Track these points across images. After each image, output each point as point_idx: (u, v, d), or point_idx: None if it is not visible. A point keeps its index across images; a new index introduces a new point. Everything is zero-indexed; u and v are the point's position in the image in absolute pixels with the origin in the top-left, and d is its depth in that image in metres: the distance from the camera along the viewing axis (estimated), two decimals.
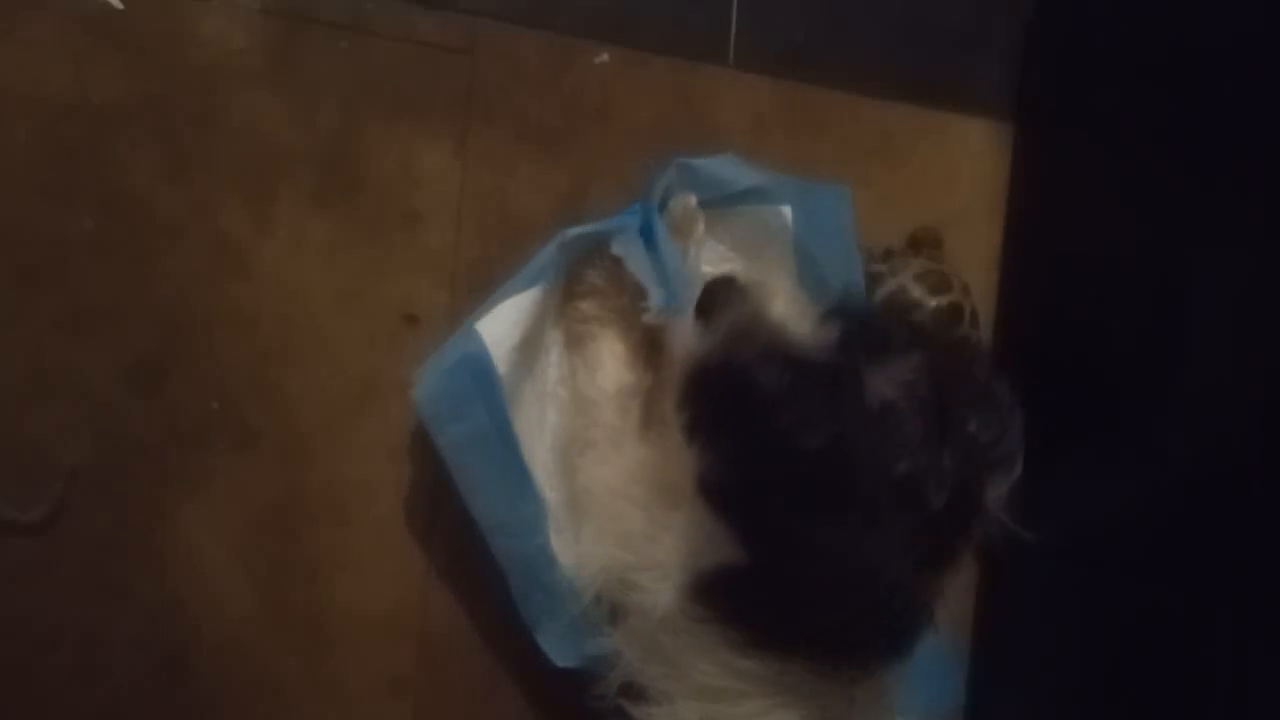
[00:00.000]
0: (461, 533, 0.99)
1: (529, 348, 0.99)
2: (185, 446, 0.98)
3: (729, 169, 1.04)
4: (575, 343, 1.04)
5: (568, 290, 1.04)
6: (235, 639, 1.00)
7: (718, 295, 0.95)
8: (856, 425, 0.80)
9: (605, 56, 1.10)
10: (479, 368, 0.95)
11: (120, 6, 0.96)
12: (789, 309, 0.92)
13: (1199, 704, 0.99)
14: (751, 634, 0.85)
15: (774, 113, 1.16)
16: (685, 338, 0.91)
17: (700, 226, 1.06)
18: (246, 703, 1.01)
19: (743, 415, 0.82)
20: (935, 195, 1.20)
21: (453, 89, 1.05)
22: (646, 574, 0.90)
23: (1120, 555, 1.08)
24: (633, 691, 0.92)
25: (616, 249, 0.98)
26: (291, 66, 1.01)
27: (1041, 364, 1.19)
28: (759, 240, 1.05)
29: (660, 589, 0.89)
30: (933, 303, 1.10)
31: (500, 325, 0.96)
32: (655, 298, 0.95)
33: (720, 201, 1.04)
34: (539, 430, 1.02)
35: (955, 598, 1.19)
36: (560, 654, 0.99)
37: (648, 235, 1.00)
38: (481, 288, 1.03)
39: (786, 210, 1.04)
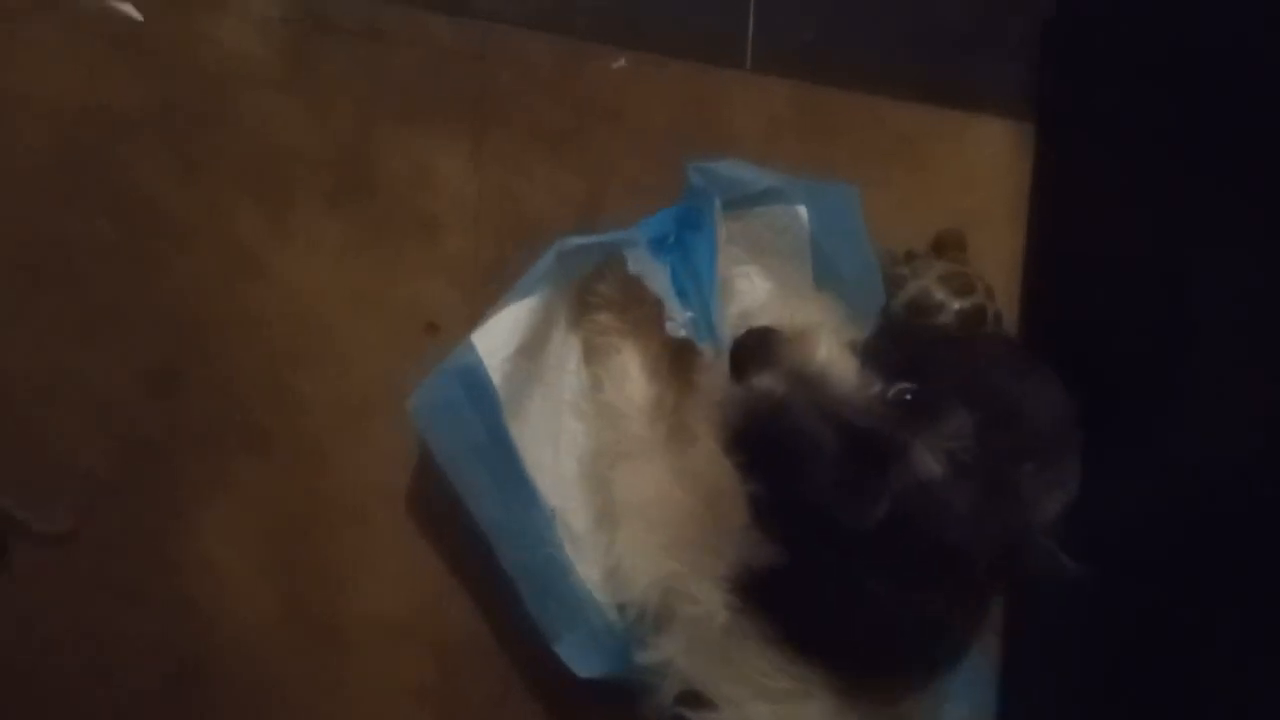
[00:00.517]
0: (478, 537, 0.99)
1: (531, 356, 0.99)
2: (200, 451, 0.99)
3: (743, 170, 1.03)
4: (596, 354, 1.03)
5: (581, 301, 1.03)
6: (250, 644, 1.00)
7: (757, 347, 0.88)
8: (904, 501, 0.78)
9: (622, 61, 1.11)
10: (472, 378, 0.94)
11: (139, 18, 0.98)
12: (830, 352, 0.89)
13: (1202, 709, 0.97)
14: (786, 636, 0.84)
15: (790, 116, 1.15)
16: (722, 382, 0.89)
17: (724, 231, 1.05)
18: (261, 709, 1.01)
19: (794, 473, 0.80)
20: (954, 197, 1.19)
21: (467, 93, 1.06)
22: (699, 582, 0.89)
23: (1139, 561, 1.06)
24: (690, 699, 0.90)
25: (632, 267, 0.96)
26: (307, 72, 1.02)
27: (1065, 366, 1.17)
28: (774, 242, 1.04)
29: (716, 596, 0.87)
30: (956, 305, 1.09)
31: (495, 335, 0.95)
32: (677, 315, 0.94)
33: (735, 204, 1.04)
34: (552, 439, 1.01)
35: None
36: (581, 664, 0.98)
37: (660, 249, 0.99)
38: (498, 292, 1.03)
39: (802, 210, 1.02)
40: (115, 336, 0.97)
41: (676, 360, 1.01)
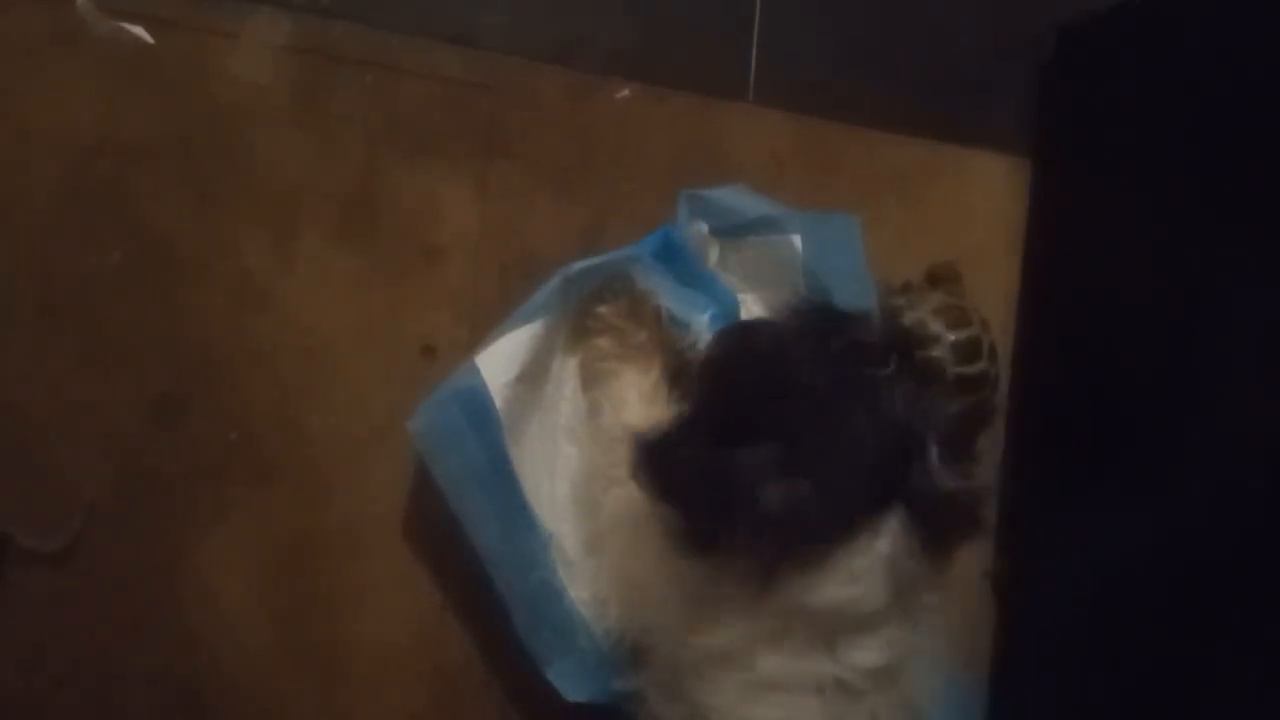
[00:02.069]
0: (475, 566, 0.99)
1: (532, 382, 0.99)
2: (204, 481, 0.99)
3: (738, 199, 1.05)
4: (596, 380, 1.04)
5: (580, 326, 1.04)
6: (251, 673, 1.00)
7: None
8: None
9: (625, 92, 1.11)
10: (474, 402, 0.95)
11: (150, 40, 0.97)
12: None
13: None
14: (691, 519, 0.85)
15: (792, 149, 1.16)
16: None
17: (714, 254, 1.06)
18: None
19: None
20: (953, 231, 1.21)
21: (474, 125, 1.06)
22: (656, 616, 0.90)
23: (1138, 592, 1.07)
24: None
25: (641, 283, 0.99)
26: (317, 103, 1.02)
27: (1060, 398, 1.19)
28: (768, 270, 1.06)
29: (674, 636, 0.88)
30: (951, 337, 1.10)
31: (498, 359, 0.96)
32: (699, 321, 0.98)
33: (730, 231, 1.05)
34: (548, 464, 1.02)
35: (974, 635, 1.19)
36: (572, 689, 0.99)
37: (670, 262, 1.01)
38: (500, 323, 1.04)
39: (796, 239, 1.04)
40: (122, 367, 0.97)
41: (677, 385, 1.02)
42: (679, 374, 0.99)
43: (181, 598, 0.98)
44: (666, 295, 0.99)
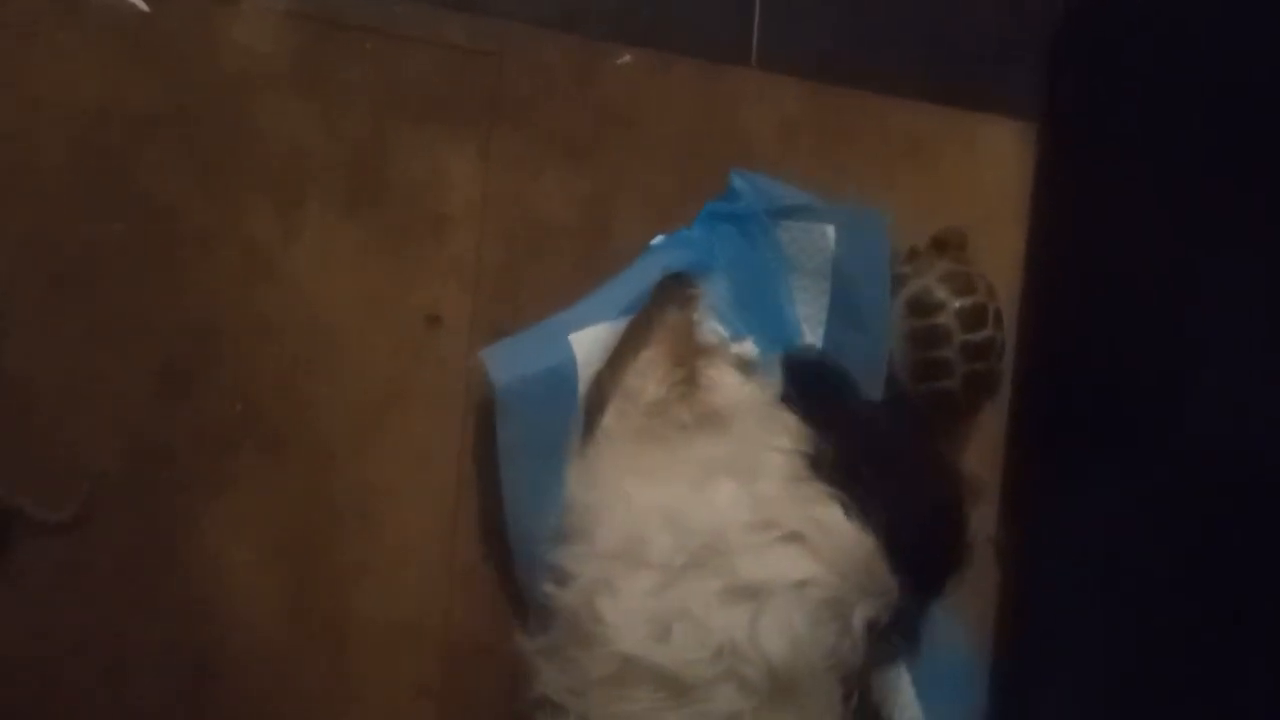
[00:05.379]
0: (485, 538, 1.00)
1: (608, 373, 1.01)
2: (211, 452, 0.98)
3: (780, 186, 1.08)
4: None
5: None
6: (260, 644, 1.00)
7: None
8: None
9: (627, 58, 1.10)
10: (562, 382, 0.96)
11: (145, 9, 0.96)
12: None
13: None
14: None
15: (801, 116, 1.15)
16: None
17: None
18: (271, 708, 1.00)
19: None
20: (963, 198, 1.20)
21: (479, 93, 1.05)
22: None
23: (1141, 560, 1.07)
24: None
25: (706, 304, 1.03)
26: (319, 71, 1.01)
27: (1067, 365, 1.19)
28: (802, 259, 1.08)
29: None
30: (957, 304, 1.10)
31: (591, 347, 0.97)
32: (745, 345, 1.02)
33: (771, 213, 1.07)
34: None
35: (980, 599, 1.19)
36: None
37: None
38: (505, 292, 1.05)
39: (830, 230, 1.07)
40: (129, 338, 0.96)
41: (682, 363, 1.03)
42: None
43: (190, 568, 0.98)
44: (720, 301, 1.02)
